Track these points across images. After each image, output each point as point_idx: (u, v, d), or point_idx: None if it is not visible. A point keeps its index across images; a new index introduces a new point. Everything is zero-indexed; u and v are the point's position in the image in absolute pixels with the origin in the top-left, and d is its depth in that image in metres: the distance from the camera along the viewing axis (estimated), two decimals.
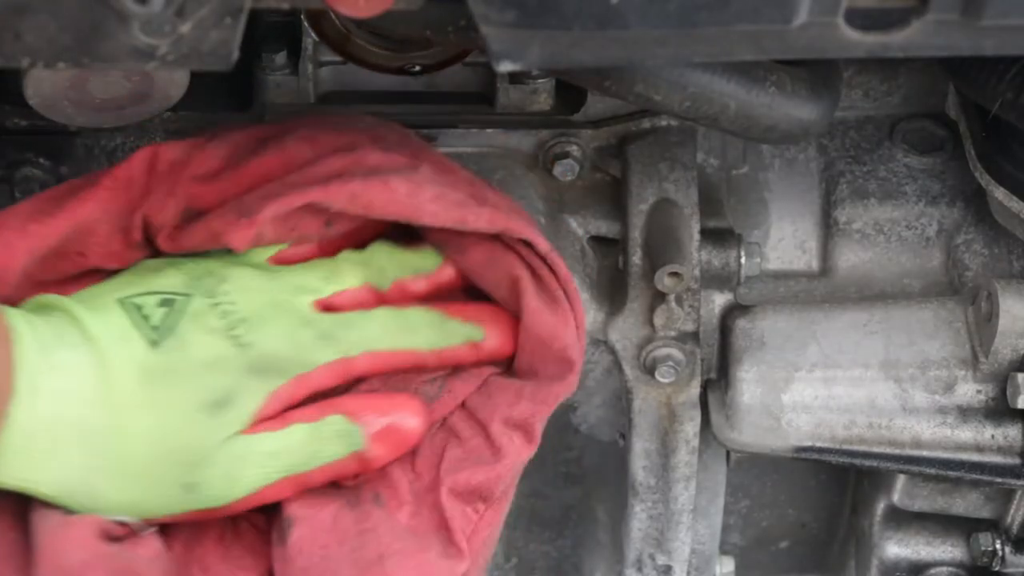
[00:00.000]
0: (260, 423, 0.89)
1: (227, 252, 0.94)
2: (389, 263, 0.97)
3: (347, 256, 0.97)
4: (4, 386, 0.82)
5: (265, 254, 0.95)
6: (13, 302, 0.90)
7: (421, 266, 0.97)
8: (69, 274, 0.94)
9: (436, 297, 0.97)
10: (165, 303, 0.90)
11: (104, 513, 0.88)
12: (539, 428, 0.94)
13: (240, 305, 0.91)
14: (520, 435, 0.93)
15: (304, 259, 0.96)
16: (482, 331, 0.96)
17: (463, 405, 0.95)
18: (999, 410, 1.11)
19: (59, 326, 0.88)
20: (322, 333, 0.92)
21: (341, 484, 0.93)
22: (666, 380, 1.10)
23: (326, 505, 0.91)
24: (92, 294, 0.92)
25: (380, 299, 0.96)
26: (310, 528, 0.89)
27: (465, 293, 0.98)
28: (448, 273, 0.97)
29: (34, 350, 0.85)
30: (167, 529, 0.91)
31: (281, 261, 0.95)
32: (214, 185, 0.93)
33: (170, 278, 0.92)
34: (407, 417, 0.92)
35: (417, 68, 1.12)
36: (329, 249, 0.97)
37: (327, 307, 0.94)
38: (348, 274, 0.96)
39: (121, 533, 0.89)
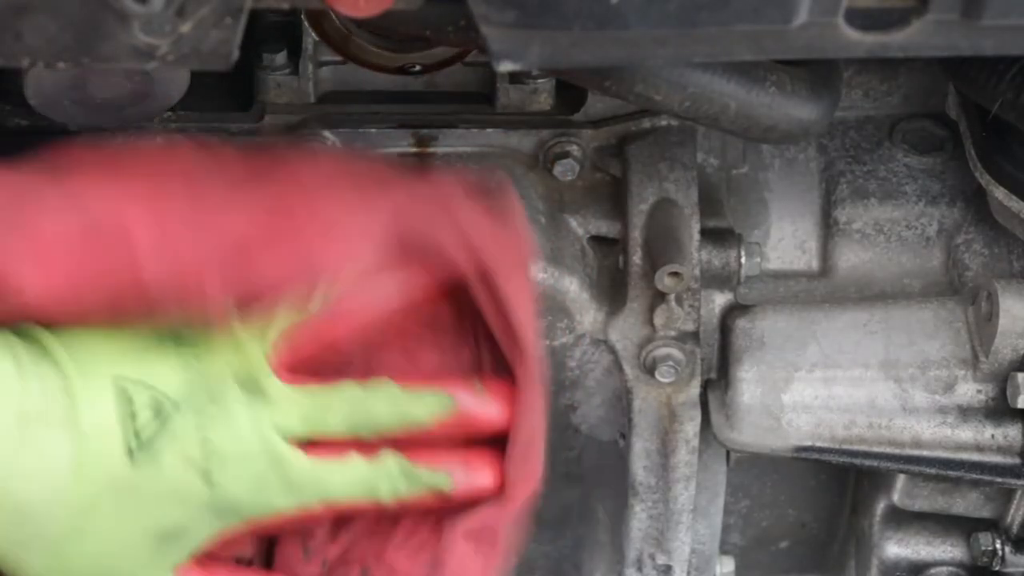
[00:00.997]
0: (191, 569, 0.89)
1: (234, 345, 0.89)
2: (387, 413, 0.91)
3: (343, 393, 0.91)
4: None
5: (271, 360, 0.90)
6: None
7: (419, 416, 0.91)
8: None
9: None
10: (154, 408, 0.85)
11: None
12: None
13: (218, 441, 0.87)
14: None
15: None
16: (450, 480, 0.92)
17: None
18: (999, 410, 1.11)
19: (47, 388, 0.83)
20: (288, 482, 0.89)
21: None
22: (666, 380, 1.10)
23: None
24: (92, 355, 0.86)
25: (362, 445, 0.91)
26: None
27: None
28: (452, 422, 0.92)
29: (14, 402, 0.81)
30: None
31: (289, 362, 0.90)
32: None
33: (168, 373, 0.87)
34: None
35: (417, 68, 1.12)
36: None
37: (308, 448, 0.90)
38: (333, 419, 0.90)
39: None
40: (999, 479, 1.12)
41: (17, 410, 0.81)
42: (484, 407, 0.92)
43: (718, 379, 1.15)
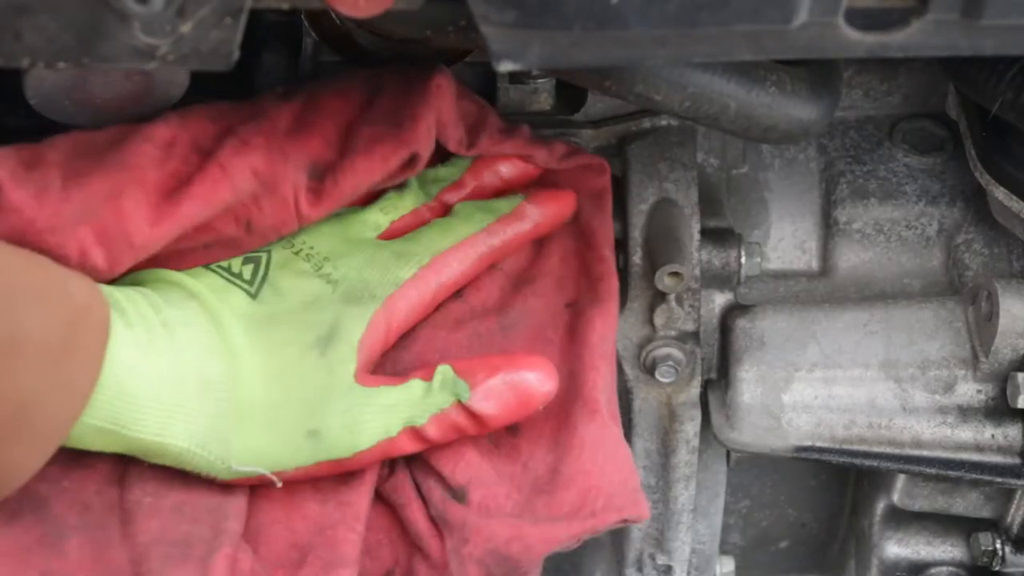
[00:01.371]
0: (380, 380, 0.92)
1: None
2: (427, 181, 1.05)
3: (392, 191, 1.03)
4: (95, 358, 0.83)
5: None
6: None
7: (455, 174, 1.05)
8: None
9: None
10: (249, 260, 0.96)
11: (238, 463, 0.90)
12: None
13: (318, 247, 0.97)
14: None
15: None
16: (520, 196, 1.05)
17: None
18: (999, 410, 1.11)
19: (161, 290, 0.92)
20: (396, 252, 0.98)
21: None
22: (666, 380, 1.10)
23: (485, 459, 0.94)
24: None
25: (433, 213, 1.04)
26: (485, 485, 0.93)
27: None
28: (482, 167, 1.05)
29: (137, 314, 0.87)
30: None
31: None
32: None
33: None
34: (524, 375, 0.93)
35: None
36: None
37: (388, 235, 1.01)
38: (400, 202, 1.03)
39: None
40: (999, 479, 1.12)
41: (138, 309, 0.88)
42: None
43: (718, 379, 1.15)
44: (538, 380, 0.93)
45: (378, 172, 0.97)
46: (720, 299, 1.14)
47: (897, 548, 1.27)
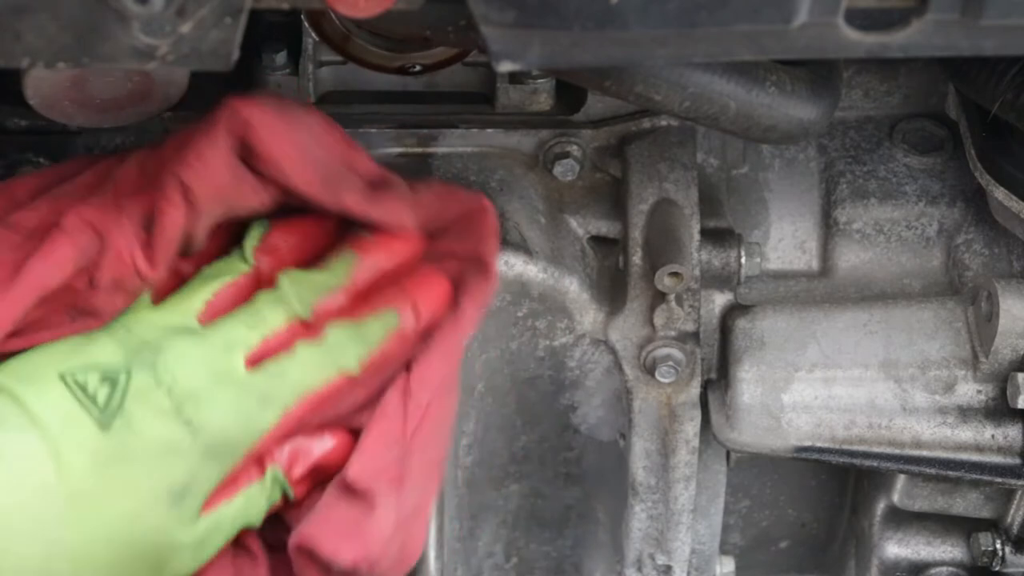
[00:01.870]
0: (212, 498, 0.89)
1: (154, 311, 0.92)
2: (303, 290, 0.93)
3: (263, 297, 0.93)
4: None
5: (193, 309, 0.92)
6: None
7: (333, 282, 0.94)
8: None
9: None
10: (106, 380, 0.86)
11: None
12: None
13: (181, 381, 0.88)
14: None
15: (231, 302, 0.93)
16: (396, 314, 0.94)
17: None
18: (999, 410, 1.11)
19: (1, 408, 0.84)
20: (261, 396, 0.90)
21: None
22: (666, 380, 1.10)
23: None
24: (27, 366, 0.87)
25: (305, 330, 0.92)
26: None
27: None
28: (363, 274, 0.95)
29: None
30: None
31: (211, 313, 0.92)
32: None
33: (106, 349, 0.88)
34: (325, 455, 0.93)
35: (417, 68, 1.12)
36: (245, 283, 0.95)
37: (258, 357, 0.91)
38: (270, 315, 0.92)
39: None
40: (999, 479, 1.12)
41: None
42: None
43: (718, 379, 1.15)
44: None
45: (173, 213, 0.89)
46: (720, 299, 1.14)
47: (897, 548, 1.27)
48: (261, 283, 0.94)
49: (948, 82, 1.19)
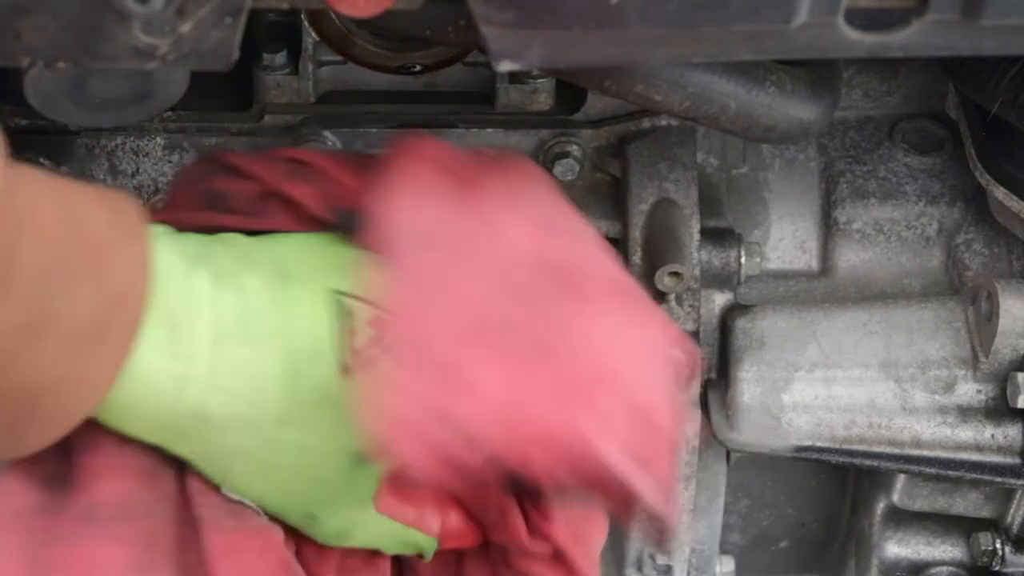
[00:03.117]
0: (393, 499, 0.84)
1: None
2: None
3: None
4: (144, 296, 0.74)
5: None
6: None
7: None
8: None
9: None
10: (378, 327, 0.78)
11: (228, 488, 0.83)
12: None
13: None
14: None
15: None
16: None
17: None
18: (999, 410, 1.11)
19: (250, 304, 0.78)
20: None
21: None
22: None
23: None
24: (298, 255, 0.81)
25: None
26: None
27: None
28: None
29: (205, 320, 0.76)
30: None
31: None
32: None
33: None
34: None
35: (417, 68, 1.12)
36: None
37: None
38: None
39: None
40: (999, 479, 1.12)
41: (210, 326, 0.77)
42: None
43: (718, 379, 1.15)
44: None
45: None
46: (720, 299, 1.14)
47: (897, 548, 1.27)
48: None
49: (948, 82, 1.19)
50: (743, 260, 1.13)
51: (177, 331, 0.76)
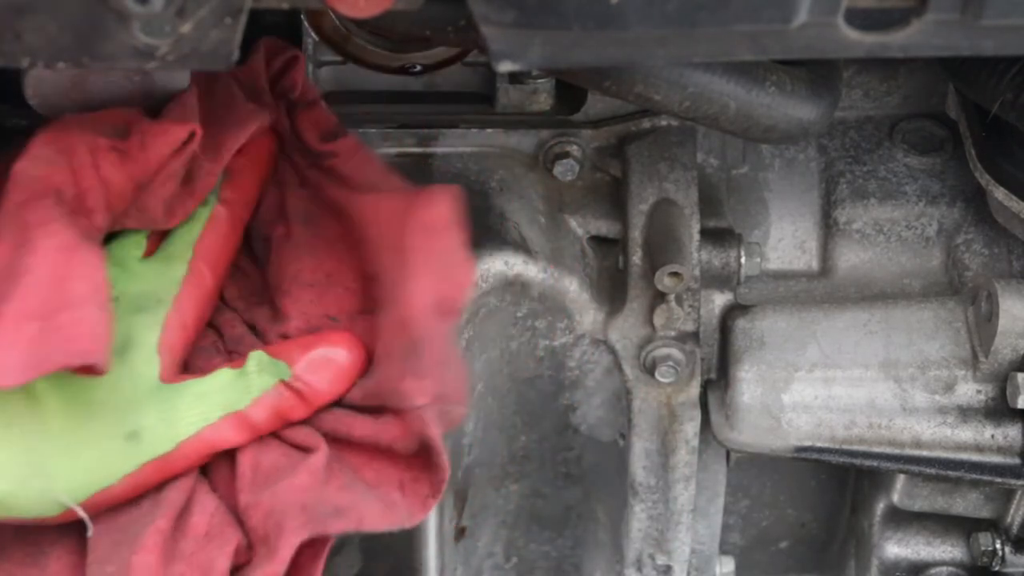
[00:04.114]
0: (188, 375, 0.92)
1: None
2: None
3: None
4: None
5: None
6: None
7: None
8: None
9: None
10: None
11: (67, 496, 0.87)
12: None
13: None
14: None
15: None
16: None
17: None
18: (999, 410, 1.11)
19: None
20: (162, 258, 0.96)
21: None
22: (666, 380, 1.11)
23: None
24: None
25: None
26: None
27: None
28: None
29: None
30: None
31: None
32: None
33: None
34: (337, 350, 0.93)
35: (417, 68, 1.12)
36: None
37: (147, 253, 0.98)
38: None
39: None
40: (999, 479, 1.12)
41: None
42: None
43: (718, 379, 1.15)
44: (345, 355, 0.93)
45: (180, 133, 0.94)
46: (720, 299, 1.14)
47: (897, 548, 1.27)
48: None
49: (948, 82, 1.19)
50: (743, 260, 1.13)
51: None
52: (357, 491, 0.90)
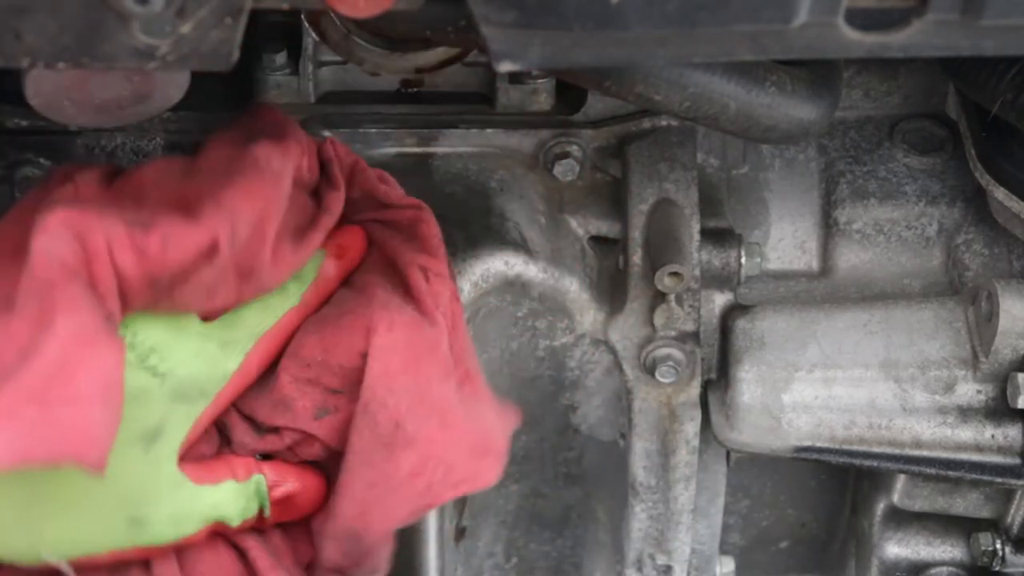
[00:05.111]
0: (200, 474, 0.91)
1: None
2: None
3: None
4: None
5: None
6: None
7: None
8: None
9: None
10: None
11: (49, 553, 0.86)
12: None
13: (142, 335, 0.89)
14: None
15: None
16: (322, 252, 0.96)
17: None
18: (999, 410, 1.11)
19: None
20: (221, 342, 0.91)
21: None
22: (666, 380, 1.10)
23: None
24: None
25: None
26: None
27: None
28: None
29: None
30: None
31: None
32: None
33: None
34: (300, 490, 0.96)
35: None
36: None
37: (209, 315, 0.93)
38: None
39: None
40: (999, 479, 1.12)
41: None
42: None
43: (718, 379, 1.15)
44: (307, 495, 0.96)
45: (202, 241, 0.88)
46: (720, 299, 1.14)
47: (897, 548, 1.27)
48: None
49: (948, 82, 1.19)
50: (743, 260, 1.13)
51: None
52: None
